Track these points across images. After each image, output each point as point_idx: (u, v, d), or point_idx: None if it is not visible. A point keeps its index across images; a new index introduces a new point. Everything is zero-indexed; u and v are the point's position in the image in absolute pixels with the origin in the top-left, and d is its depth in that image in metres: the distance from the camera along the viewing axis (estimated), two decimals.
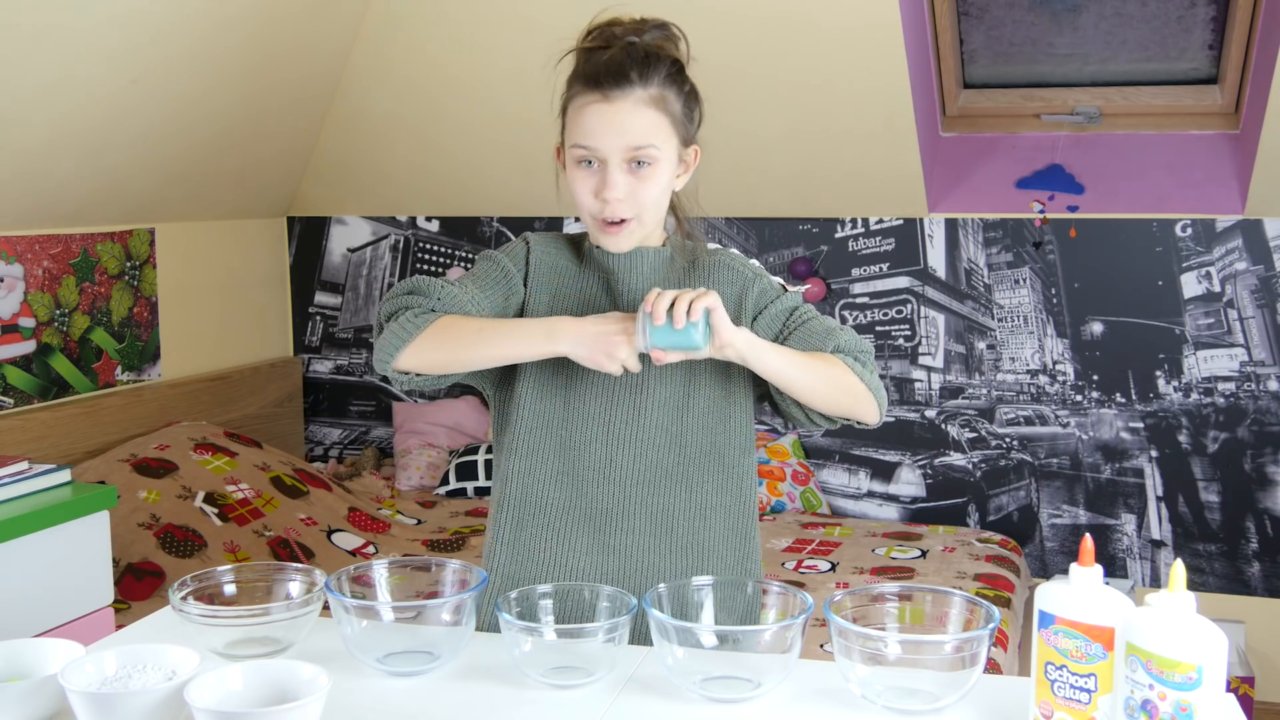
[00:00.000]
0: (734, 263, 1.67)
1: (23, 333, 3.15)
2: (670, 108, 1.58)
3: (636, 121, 1.54)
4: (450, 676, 1.41)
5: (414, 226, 4.27)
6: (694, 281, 1.65)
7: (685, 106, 1.61)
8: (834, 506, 3.92)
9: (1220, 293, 3.53)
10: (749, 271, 1.66)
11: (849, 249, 3.86)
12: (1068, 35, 3.60)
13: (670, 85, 1.58)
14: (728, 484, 1.64)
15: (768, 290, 1.64)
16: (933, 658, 1.30)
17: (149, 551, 2.95)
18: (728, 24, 3.26)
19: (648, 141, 1.55)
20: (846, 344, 1.57)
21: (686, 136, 1.62)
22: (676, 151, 1.61)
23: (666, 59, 1.59)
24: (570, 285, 1.67)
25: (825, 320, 1.62)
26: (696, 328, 1.44)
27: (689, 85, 1.63)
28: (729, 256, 1.68)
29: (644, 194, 1.57)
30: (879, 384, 1.58)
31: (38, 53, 2.68)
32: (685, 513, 1.61)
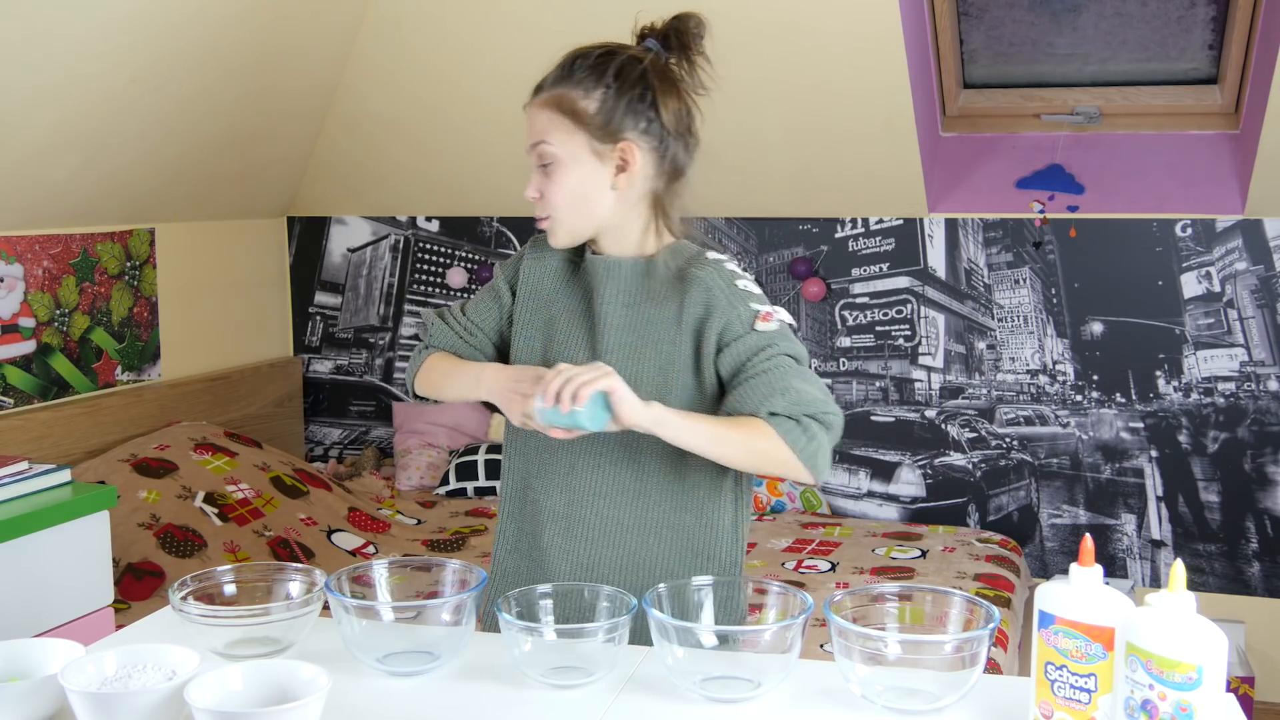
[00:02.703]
0: (713, 282, 1.60)
1: (23, 333, 3.15)
2: (571, 105, 1.58)
3: (534, 122, 1.62)
4: (450, 676, 1.41)
5: (414, 226, 4.27)
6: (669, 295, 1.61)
7: (605, 102, 1.58)
8: (834, 506, 3.92)
9: (1220, 293, 3.53)
10: (723, 296, 1.59)
11: (849, 249, 3.86)
12: (1068, 35, 3.60)
13: (583, 83, 1.59)
14: (687, 503, 1.64)
15: (735, 323, 1.57)
16: (933, 658, 1.30)
17: (149, 551, 2.95)
18: (728, 24, 3.25)
19: (539, 139, 1.61)
20: (789, 405, 1.51)
21: (603, 132, 1.59)
22: (587, 149, 1.59)
23: (594, 54, 1.61)
24: (558, 292, 1.70)
25: (782, 371, 1.54)
26: (582, 413, 1.45)
27: (614, 78, 1.59)
28: (711, 273, 1.61)
29: (550, 192, 1.62)
30: (817, 448, 1.51)
31: (38, 53, 2.68)
32: (636, 527, 1.63)
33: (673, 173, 1.66)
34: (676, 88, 1.63)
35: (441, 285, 4.28)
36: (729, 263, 1.65)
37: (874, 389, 3.88)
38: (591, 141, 1.59)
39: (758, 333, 1.57)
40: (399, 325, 4.32)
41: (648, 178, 1.63)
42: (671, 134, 1.63)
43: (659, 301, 1.62)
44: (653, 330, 1.62)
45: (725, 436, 1.52)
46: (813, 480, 1.55)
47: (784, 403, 1.52)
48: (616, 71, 1.59)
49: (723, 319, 1.58)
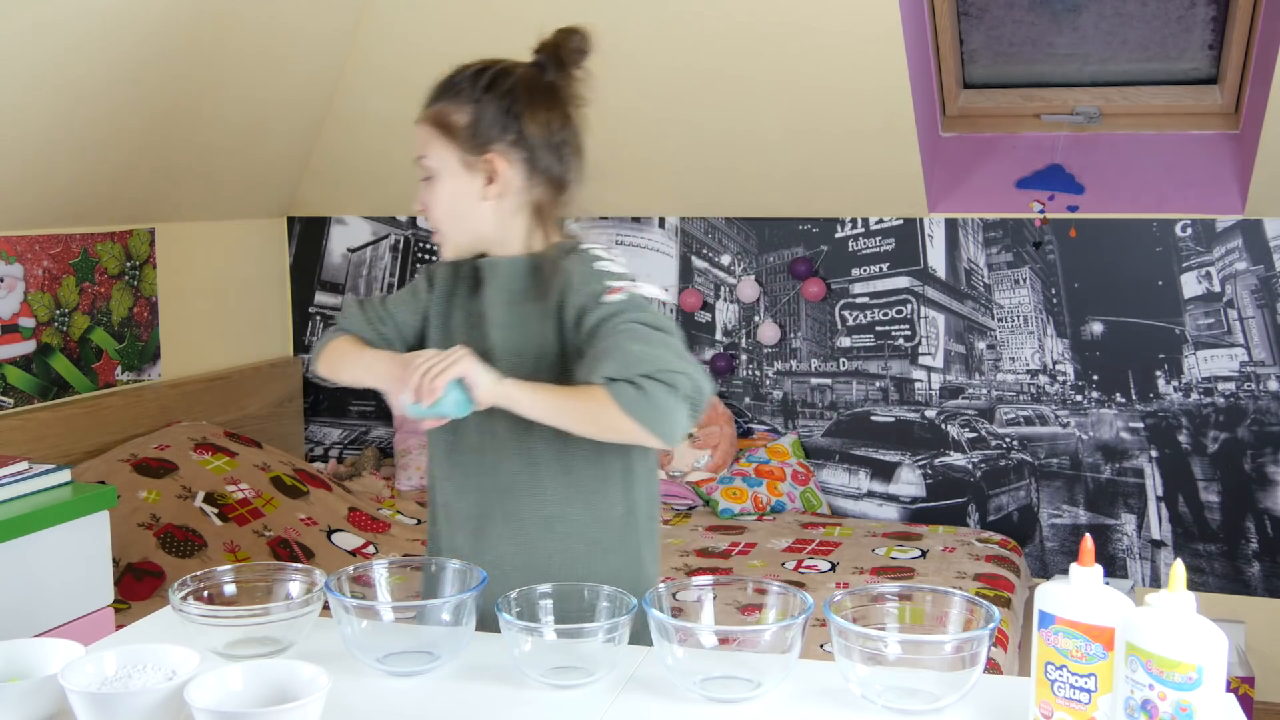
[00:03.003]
0: (573, 267, 1.65)
1: (23, 333, 3.15)
2: (445, 118, 1.65)
3: (417, 138, 1.69)
4: (450, 676, 1.41)
5: (414, 226, 4.27)
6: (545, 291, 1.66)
7: (475, 115, 1.64)
8: (834, 506, 3.92)
9: (1220, 293, 3.53)
10: (579, 277, 1.63)
11: (849, 249, 3.86)
12: (1068, 35, 3.60)
13: (456, 97, 1.65)
14: (576, 496, 1.66)
15: (588, 300, 1.61)
16: (933, 658, 1.30)
17: (149, 551, 2.95)
18: (728, 24, 3.26)
19: (419, 154, 1.68)
20: (621, 368, 1.50)
21: (472, 144, 1.64)
22: (458, 162, 1.65)
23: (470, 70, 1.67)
24: (462, 294, 1.76)
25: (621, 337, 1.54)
26: (444, 402, 1.50)
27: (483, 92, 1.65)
28: (574, 260, 1.66)
29: (430, 205, 1.69)
30: (655, 409, 1.48)
31: (38, 52, 2.68)
32: (534, 522, 1.67)
33: (550, 183, 1.69)
34: (548, 101, 1.67)
35: None
36: (596, 249, 1.70)
37: (874, 389, 3.88)
38: (462, 154, 1.65)
39: (603, 305, 1.59)
40: None
41: (521, 188, 1.67)
42: (541, 146, 1.66)
43: (537, 299, 1.67)
44: (531, 325, 1.67)
45: (566, 406, 1.54)
46: (663, 445, 1.52)
47: (616, 366, 1.51)
48: (487, 85, 1.65)
49: (578, 299, 1.62)
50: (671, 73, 3.44)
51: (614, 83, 3.56)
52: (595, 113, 4.08)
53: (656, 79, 3.47)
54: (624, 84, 3.51)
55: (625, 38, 3.36)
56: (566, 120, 1.68)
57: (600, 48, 3.83)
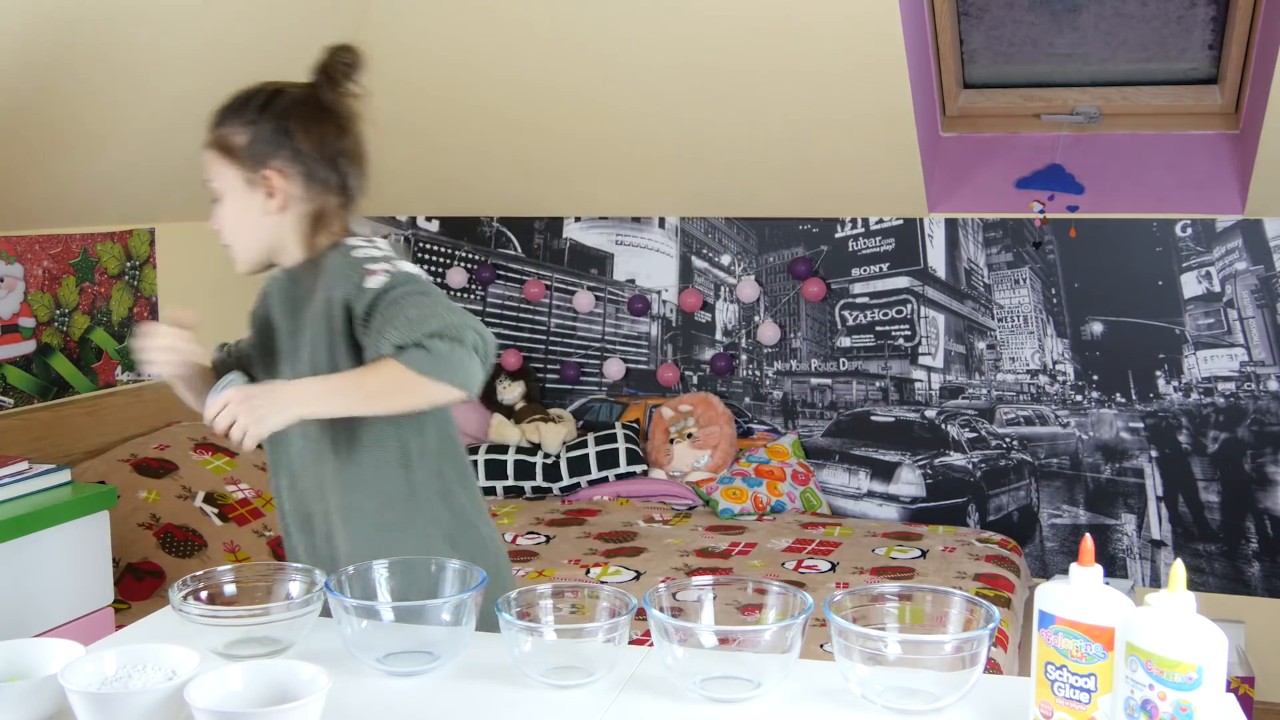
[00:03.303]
0: (332, 262, 1.72)
1: (23, 333, 3.15)
2: (226, 142, 1.75)
3: (202, 160, 1.77)
4: (450, 676, 1.41)
5: (414, 226, 4.27)
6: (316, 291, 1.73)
7: (253, 135, 1.73)
8: (834, 506, 3.92)
9: (1220, 293, 3.53)
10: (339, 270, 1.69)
11: (849, 249, 3.86)
12: (1068, 35, 3.60)
13: (233, 121, 1.75)
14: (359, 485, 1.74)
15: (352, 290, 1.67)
16: (933, 658, 1.30)
17: (149, 551, 2.95)
18: (728, 24, 3.26)
19: (206, 177, 1.77)
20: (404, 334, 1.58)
21: (252, 162, 1.73)
22: (241, 180, 1.74)
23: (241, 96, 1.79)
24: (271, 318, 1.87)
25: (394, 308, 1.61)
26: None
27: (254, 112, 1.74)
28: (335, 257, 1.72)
29: (221, 224, 1.78)
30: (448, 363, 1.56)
31: (39, 52, 2.68)
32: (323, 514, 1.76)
33: (329, 192, 1.76)
34: (319, 116, 1.75)
35: (441, 285, 4.28)
36: (355, 240, 1.75)
37: (874, 389, 3.88)
38: (243, 173, 1.74)
39: (370, 289, 1.65)
40: None
41: (300, 199, 1.75)
42: (314, 159, 1.74)
43: (309, 299, 1.75)
44: (310, 326, 1.74)
45: (366, 389, 1.61)
46: (464, 396, 1.60)
47: (399, 334, 1.58)
48: (261, 106, 1.75)
49: (339, 293, 1.69)
50: (671, 73, 3.44)
51: (614, 83, 3.59)
52: (596, 113, 4.10)
53: (656, 79, 3.47)
54: (624, 84, 3.51)
55: (625, 38, 3.36)
56: (341, 132, 1.76)
57: (601, 48, 3.84)
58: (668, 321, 4.10)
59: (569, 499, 3.87)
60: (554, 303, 4.20)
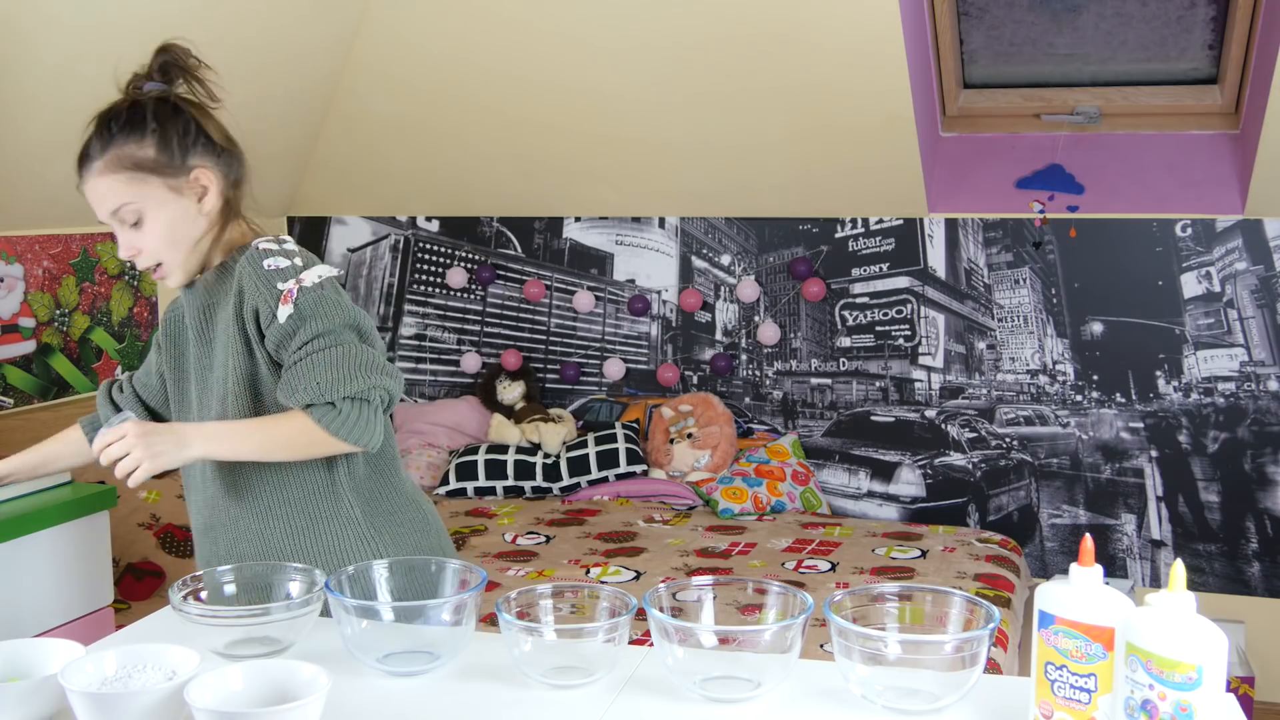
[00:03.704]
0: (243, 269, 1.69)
1: (23, 333, 3.15)
2: (130, 159, 1.68)
3: (101, 192, 1.70)
4: (450, 676, 1.41)
5: (414, 226, 4.27)
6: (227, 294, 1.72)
7: (160, 144, 1.69)
8: (834, 506, 3.92)
9: (1220, 293, 3.53)
10: (250, 281, 1.67)
11: (849, 249, 3.86)
12: (1068, 35, 3.60)
13: (129, 138, 1.68)
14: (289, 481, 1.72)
15: (264, 310, 1.66)
16: (933, 658, 1.30)
17: (149, 551, 2.95)
18: (728, 24, 3.26)
19: (119, 203, 1.70)
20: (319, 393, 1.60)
21: (173, 168, 1.69)
22: (165, 190, 1.69)
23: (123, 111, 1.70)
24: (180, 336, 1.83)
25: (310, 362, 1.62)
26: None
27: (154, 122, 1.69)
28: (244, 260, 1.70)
29: (146, 244, 1.71)
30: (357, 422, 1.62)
31: (38, 52, 2.68)
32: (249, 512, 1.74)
33: (235, 181, 1.76)
34: (204, 108, 1.75)
35: (441, 285, 4.28)
36: (264, 241, 1.72)
37: (874, 389, 3.88)
38: (165, 181, 1.69)
39: (280, 323, 1.65)
40: (399, 325, 4.33)
41: (219, 193, 1.74)
42: (223, 148, 1.75)
43: (221, 304, 1.73)
44: (218, 332, 1.74)
45: (270, 439, 1.64)
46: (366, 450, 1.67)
47: (312, 394, 1.61)
48: (154, 115, 1.70)
49: (253, 304, 1.67)
50: (672, 73, 3.44)
51: (614, 83, 3.59)
52: (596, 113, 4.10)
53: (656, 79, 3.47)
54: (624, 83, 3.51)
55: (625, 38, 3.36)
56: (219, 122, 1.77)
57: (601, 48, 3.84)
58: (668, 321, 4.10)
59: (569, 499, 3.87)
60: (554, 303, 4.20)
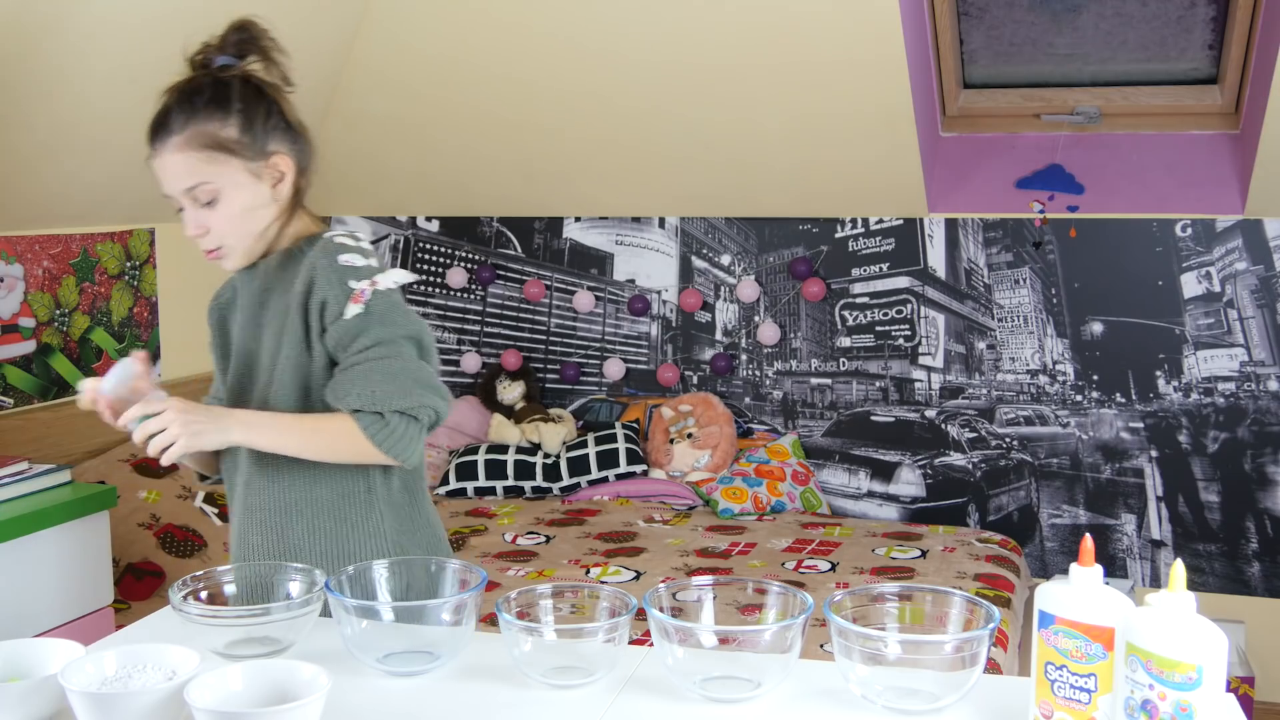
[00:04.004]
0: (315, 259, 1.67)
1: (23, 333, 3.15)
2: (213, 138, 1.66)
3: (178, 167, 1.67)
4: (450, 676, 1.41)
5: (414, 226, 4.27)
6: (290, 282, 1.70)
7: (243, 126, 1.67)
8: (834, 506, 3.92)
9: (1220, 293, 3.53)
10: (322, 274, 1.66)
11: (849, 249, 3.86)
12: (1068, 35, 3.60)
13: (213, 115, 1.66)
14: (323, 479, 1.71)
15: (332, 303, 1.65)
16: (933, 658, 1.30)
17: (149, 551, 2.95)
18: (728, 24, 3.26)
19: (196, 181, 1.66)
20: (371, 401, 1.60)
21: (254, 152, 1.68)
22: (244, 173, 1.67)
23: (207, 87, 1.68)
24: (228, 314, 1.84)
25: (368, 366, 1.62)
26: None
27: (240, 102, 1.68)
28: (317, 251, 1.68)
29: (217, 225, 1.69)
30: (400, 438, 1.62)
31: (38, 52, 2.68)
32: (276, 508, 1.72)
33: (303, 169, 1.74)
34: (282, 92, 1.73)
35: (441, 285, 4.28)
36: (340, 235, 1.71)
37: (874, 389, 3.88)
38: (246, 165, 1.67)
39: (346, 320, 1.63)
40: None
41: (292, 181, 1.73)
42: (300, 134, 1.73)
43: (282, 291, 1.72)
44: (275, 319, 1.72)
45: (311, 438, 1.63)
46: (402, 465, 1.67)
47: (363, 400, 1.61)
48: (239, 94, 1.68)
49: (321, 296, 1.65)
50: (671, 73, 3.44)
51: (614, 83, 3.59)
52: (596, 112, 4.09)
53: (656, 79, 3.47)
54: (624, 84, 3.51)
55: (625, 38, 3.36)
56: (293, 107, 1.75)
57: (601, 48, 3.84)
58: (668, 321, 4.10)
59: (569, 499, 3.87)
60: (554, 303, 4.20)
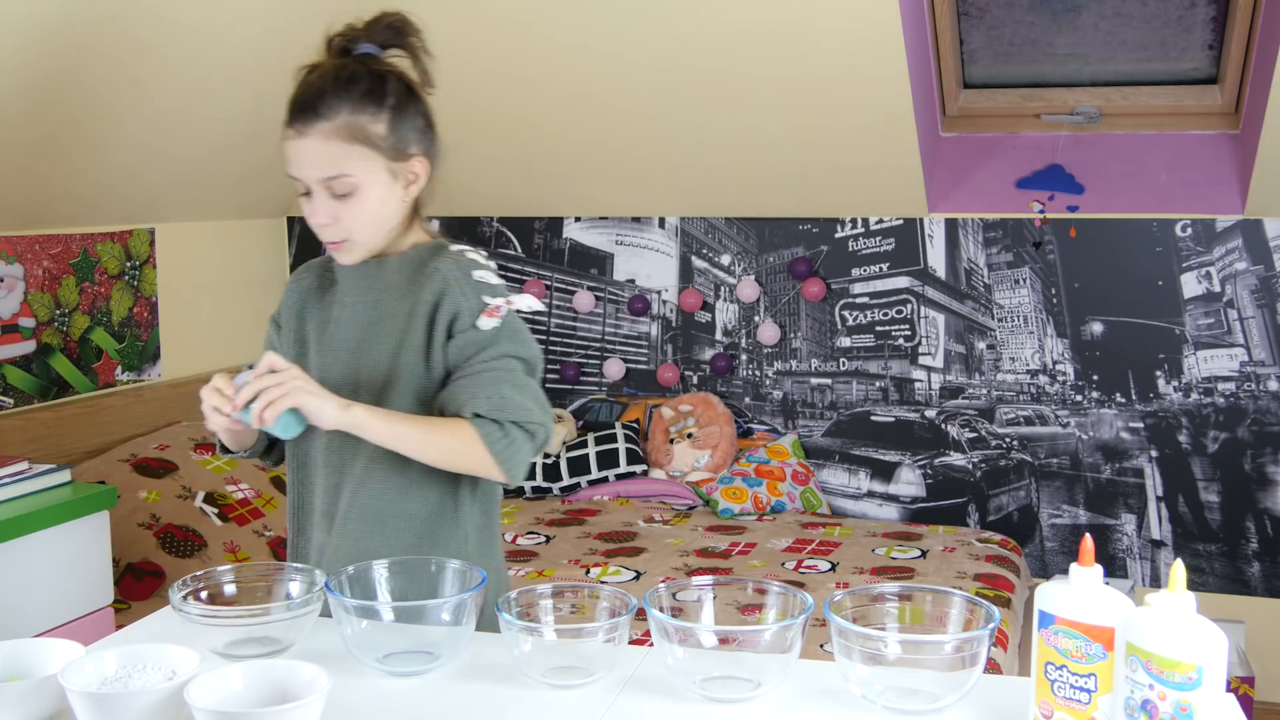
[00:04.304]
0: (449, 270, 1.65)
1: (23, 333, 3.15)
2: (363, 132, 1.61)
3: (323, 154, 1.61)
4: (450, 676, 1.41)
5: None
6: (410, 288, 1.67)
7: (392, 124, 1.63)
8: (834, 506, 3.92)
9: (1220, 293, 3.53)
10: (456, 285, 1.64)
11: (849, 249, 3.86)
12: (1068, 35, 3.60)
13: (365, 108, 1.61)
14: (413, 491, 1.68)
15: (464, 313, 1.63)
16: (933, 658, 1.30)
17: (149, 551, 2.95)
18: (728, 24, 3.26)
19: (338, 173, 1.61)
20: (494, 409, 1.58)
21: (398, 152, 1.64)
22: (385, 172, 1.64)
23: (364, 78, 1.63)
24: (313, 307, 1.77)
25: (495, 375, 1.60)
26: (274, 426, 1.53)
27: (393, 99, 1.64)
28: (449, 263, 1.66)
29: (348, 218, 1.63)
30: (515, 453, 1.59)
31: (39, 53, 2.68)
32: (363, 516, 1.68)
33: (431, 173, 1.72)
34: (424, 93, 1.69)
35: None
36: (470, 252, 1.70)
37: (874, 389, 3.88)
38: (388, 164, 1.64)
39: (479, 330, 1.62)
40: None
41: (423, 184, 1.70)
42: (436, 138, 1.71)
43: (400, 295, 1.68)
44: (390, 322, 1.67)
45: (426, 437, 1.59)
46: (506, 483, 1.63)
47: (489, 406, 1.58)
48: (394, 91, 1.64)
49: (453, 307, 1.63)
50: (671, 73, 3.44)
51: (614, 83, 3.59)
52: (596, 113, 4.09)
53: (656, 79, 3.47)
54: (624, 84, 3.51)
55: (625, 38, 3.36)
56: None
57: (601, 48, 3.83)
58: (668, 321, 4.10)
59: (569, 499, 3.87)
60: (554, 303, 4.20)
